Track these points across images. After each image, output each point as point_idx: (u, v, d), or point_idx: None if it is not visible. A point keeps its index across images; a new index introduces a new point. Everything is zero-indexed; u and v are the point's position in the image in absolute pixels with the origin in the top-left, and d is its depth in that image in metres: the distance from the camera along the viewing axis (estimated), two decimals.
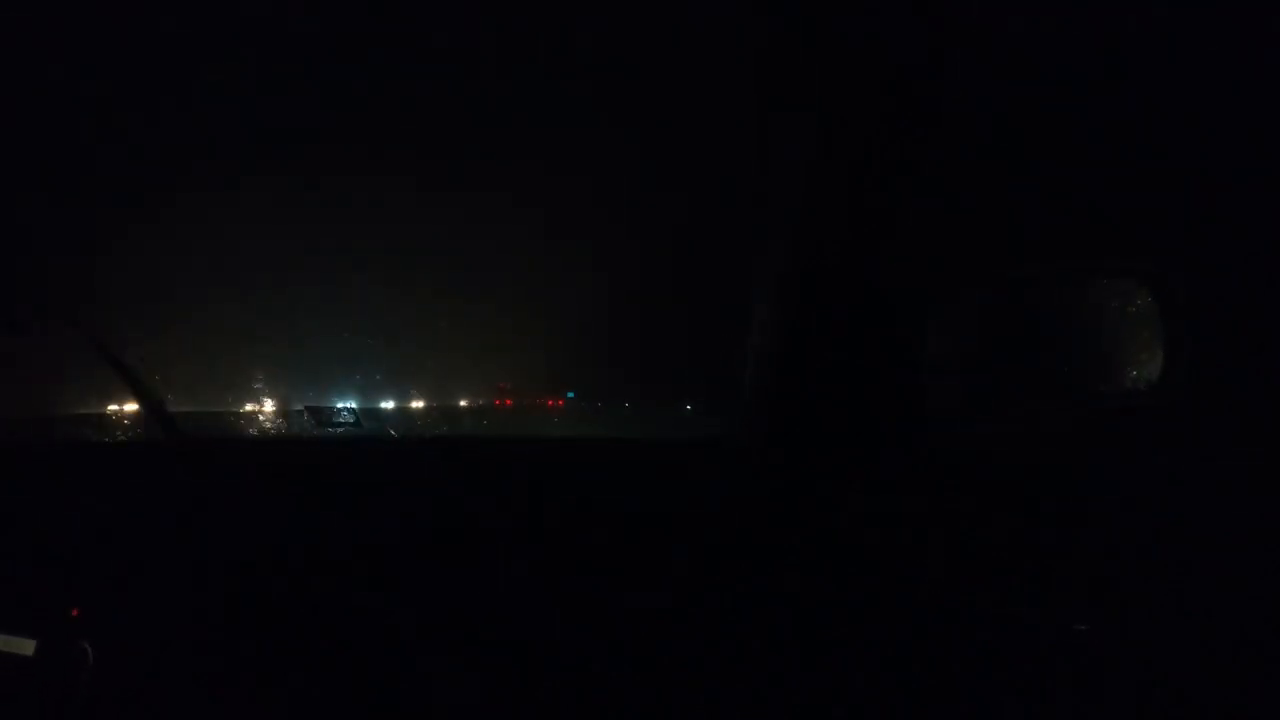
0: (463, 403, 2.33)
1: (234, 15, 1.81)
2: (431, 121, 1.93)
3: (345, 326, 2.10)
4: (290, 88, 1.90)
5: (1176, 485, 1.17)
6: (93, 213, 2.10)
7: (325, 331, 2.10)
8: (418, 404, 2.30)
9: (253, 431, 2.17)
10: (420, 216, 2.06)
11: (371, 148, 2.00)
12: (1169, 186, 1.22)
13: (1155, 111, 1.21)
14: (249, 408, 2.18)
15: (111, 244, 2.08)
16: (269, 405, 2.15)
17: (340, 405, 1.95)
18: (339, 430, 1.88)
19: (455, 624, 1.33)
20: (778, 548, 1.29)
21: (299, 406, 2.03)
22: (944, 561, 1.22)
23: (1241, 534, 1.13)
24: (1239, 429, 1.16)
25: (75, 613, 1.41)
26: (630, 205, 1.91)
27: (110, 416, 2.08)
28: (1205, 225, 1.19)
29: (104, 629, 1.39)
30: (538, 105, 1.85)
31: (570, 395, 2.23)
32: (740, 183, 1.60)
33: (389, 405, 2.21)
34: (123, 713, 1.36)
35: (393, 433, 2.03)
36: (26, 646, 1.40)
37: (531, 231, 2.04)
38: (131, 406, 2.02)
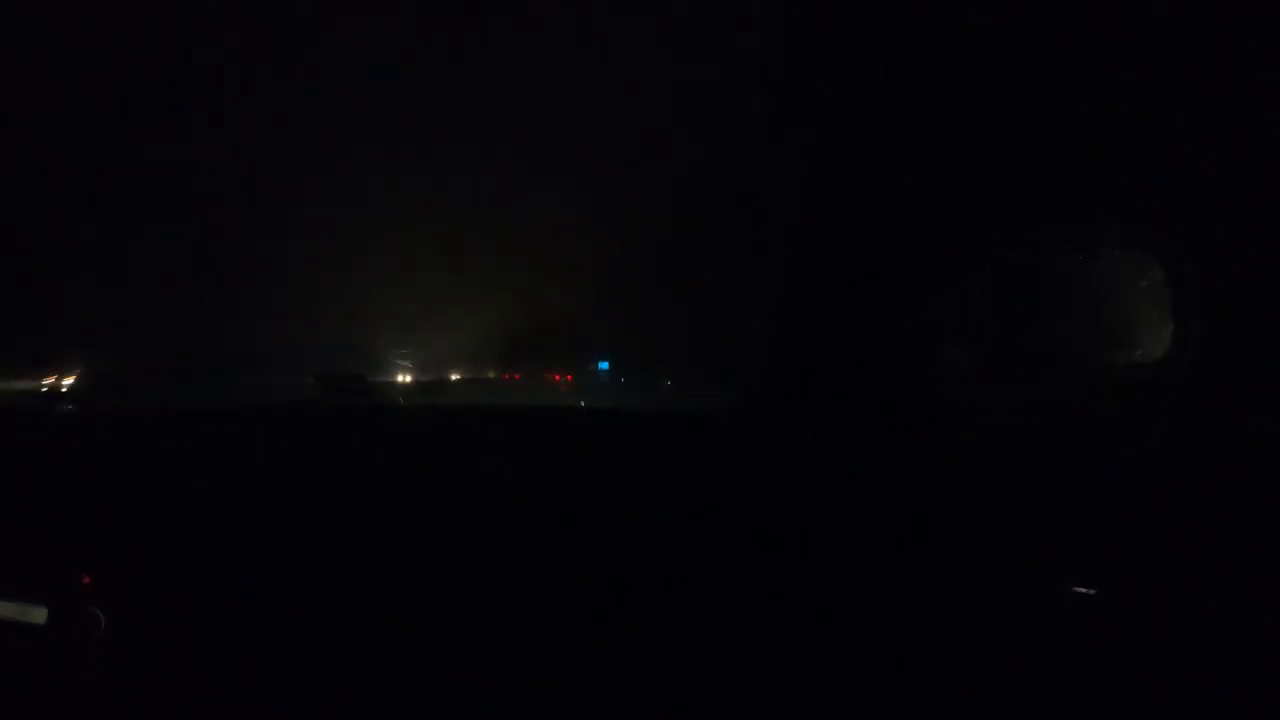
0: (457, 376, 2.28)
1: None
2: (425, 101, 1.90)
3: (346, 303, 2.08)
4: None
5: (1185, 460, 1.17)
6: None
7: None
8: (409, 378, 2.26)
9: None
10: (420, 201, 2.03)
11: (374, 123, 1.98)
12: (1182, 159, 1.21)
13: (1167, 83, 1.20)
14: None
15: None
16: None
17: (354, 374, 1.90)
18: (355, 400, 1.87)
19: (452, 615, 1.33)
20: (784, 526, 1.30)
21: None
22: (952, 538, 1.23)
23: (1250, 511, 1.13)
24: (1249, 402, 1.16)
25: (87, 580, 1.42)
26: (637, 177, 1.90)
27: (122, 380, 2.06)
28: (1217, 197, 1.19)
29: (116, 596, 1.40)
30: (541, 100, 1.83)
31: (603, 366, 1.97)
32: (746, 153, 1.59)
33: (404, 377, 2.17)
34: (135, 680, 1.37)
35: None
36: (38, 614, 1.41)
37: (537, 204, 2.02)
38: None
